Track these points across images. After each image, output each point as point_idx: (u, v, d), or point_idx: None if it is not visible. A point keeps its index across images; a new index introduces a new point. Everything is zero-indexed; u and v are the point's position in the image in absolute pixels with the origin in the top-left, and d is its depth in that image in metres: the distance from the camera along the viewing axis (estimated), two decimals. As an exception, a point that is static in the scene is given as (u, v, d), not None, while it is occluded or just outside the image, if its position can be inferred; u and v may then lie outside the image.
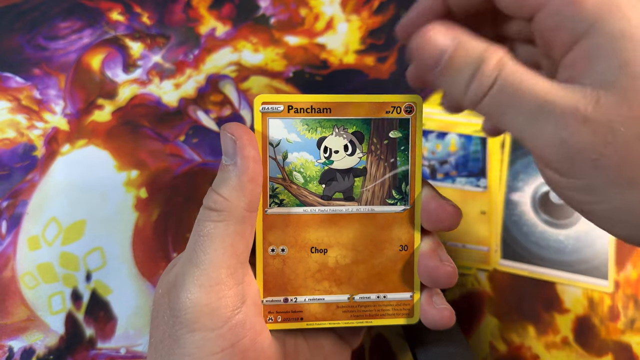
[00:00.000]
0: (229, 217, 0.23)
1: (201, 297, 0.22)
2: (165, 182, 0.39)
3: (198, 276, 0.22)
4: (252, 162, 0.23)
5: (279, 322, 0.26)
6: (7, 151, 0.40)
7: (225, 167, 0.24)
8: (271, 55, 0.42)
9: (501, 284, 0.39)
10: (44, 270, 0.37)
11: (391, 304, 0.27)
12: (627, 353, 0.37)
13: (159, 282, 0.25)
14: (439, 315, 0.26)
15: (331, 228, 0.26)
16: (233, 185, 0.23)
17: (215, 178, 0.24)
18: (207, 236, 0.23)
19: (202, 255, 0.23)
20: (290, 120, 0.25)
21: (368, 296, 0.27)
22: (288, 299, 0.26)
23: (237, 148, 0.23)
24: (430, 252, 0.26)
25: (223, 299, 0.23)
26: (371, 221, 0.26)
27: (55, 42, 0.42)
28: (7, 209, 0.38)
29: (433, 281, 0.26)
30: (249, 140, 0.24)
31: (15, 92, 0.41)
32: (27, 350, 0.36)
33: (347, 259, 0.26)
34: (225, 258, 0.23)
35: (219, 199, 0.23)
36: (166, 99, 0.41)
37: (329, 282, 0.26)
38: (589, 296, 0.38)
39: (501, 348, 0.37)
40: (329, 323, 0.27)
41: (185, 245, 0.25)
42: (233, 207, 0.23)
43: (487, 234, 0.39)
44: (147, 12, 0.43)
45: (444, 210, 0.25)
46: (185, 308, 0.22)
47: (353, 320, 0.27)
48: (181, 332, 0.22)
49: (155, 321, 0.24)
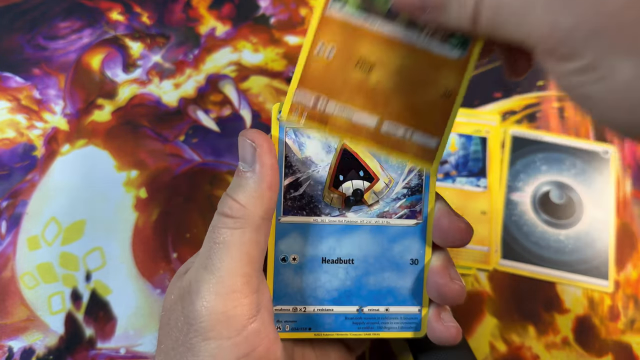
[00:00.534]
0: (245, 224, 0.23)
1: (217, 305, 0.22)
2: (165, 182, 0.39)
3: (214, 284, 0.22)
4: (271, 170, 0.23)
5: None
6: (7, 151, 0.40)
7: (243, 173, 0.23)
8: (271, 55, 0.42)
9: (501, 284, 0.39)
10: (44, 270, 0.37)
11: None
12: (627, 353, 0.37)
13: (170, 287, 0.25)
14: (446, 333, 0.26)
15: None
16: (251, 192, 0.23)
17: (231, 184, 0.24)
18: (223, 243, 0.23)
19: (218, 262, 0.22)
20: None
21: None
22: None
23: (257, 155, 0.23)
24: (440, 268, 0.26)
25: (239, 307, 0.22)
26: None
27: (55, 42, 0.42)
28: (6, 209, 0.38)
29: (441, 298, 0.26)
30: (269, 148, 0.24)
31: (15, 92, 0.41)
32: (27, 350, 0.36)
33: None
34: (241, 266, 0.23)
35: (235, 206, 0.23)
36: (166, 99, 0.41)
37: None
38: (589, 296, 0.38)
39: (501, 348, 0.37)
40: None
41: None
42: (250, 214, 0.23)
43: (487, 234, 0.39)
44: (147, 12, 0.43)
45: (457, 227, 0.25)
46: (200, 316, 0.22)
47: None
48: (196, 340, 0.22)
49: (167, 327, 0.24)
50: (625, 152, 0.41)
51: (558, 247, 0.39)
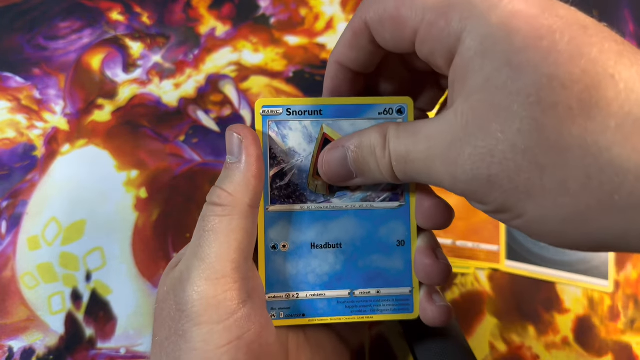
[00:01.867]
0: (233, 211, 0.24)
1: (208, 290, 0.22)
2: (165, 182, 0.39)
3: (204, 270, 0.23)
4: (256, 160, 0.24)
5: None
6: (7, 151, 0.40)
7: (230, 165, 0.25)
8: (271, 55, 0.42)
9: (501, 284, 0.39)
10: (44, 270, 0.37)
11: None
12: (627, 353, 0.37)
13: (162, 280, 0.25)
14: (438, 312, 0.26)
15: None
16: (238, 181, 0.24)
17: (220, 176, 0.25)
18: (212, 231, 0.23)
19: (207, 249, 0.23)
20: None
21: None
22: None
23: (243, 146, 0.24)
24: (426, 248, 0.27)
25: (229, 292, 0.23)
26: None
27: (55, 42, 0.42)
28: (7, 209, 0.38)
29: (428, 278, 0.26)
30: (254, 140, 0.25)
31: (15, 92, 0.41)
32: (27, 350, 0.36)
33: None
34: (230, 252, 0.23)
35: (223, 194, 0.24)
36: (166, 99, 0.41)
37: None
38: (589, 296, 0.38)
39: (501, 348, 0.37)
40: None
41: (185, 245, 0.25)
42: (237, 201, 0.24)
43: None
44: (147, 12, 0.43)
45: (437, 208, 0.26)
46: (192, 301, 0.22)
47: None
48: (188, 326, 0.22)
49: (160, 319, 0.24)
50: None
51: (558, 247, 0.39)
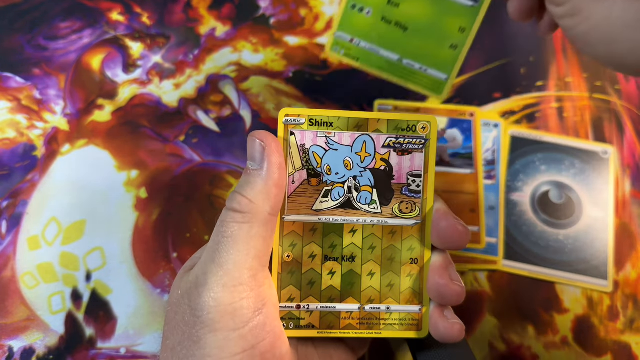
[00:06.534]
0: (253, 219, 0.23)
1: (224, 297, 0.22)
2: (165, 182, 0.39)
3: (221, 276, 0.23)
4: (278, 169, 0.24)
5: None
6: (7, 151, 0.40)
7: (251, 171, 0.24)
8: (271, 56, 0.42)
9: (501, 284, 0.39)
10: (44, 270, 0.37)
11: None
12: (627, 353, 0.37)
13: (176, 283, 0.25)
14: (450, 330, 0.26)
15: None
16: (259, 189, 0.24)
17: (240, 182, 0.25)
18: (231, 237, 0.23)
19: (225, 255, 0.23)
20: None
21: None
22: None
23: (265, 154, 0.24)
24: (440, 268, 0.26)
25: (245, 300, 0.23)
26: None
27: (55, 42, 0.42)
28: (7, 209, 0.38)
29: (441, 298, 0.26)
30: (277, 148, 0.25)
31: (15, 92, 0.41)
32: (27, 350, 0.36)
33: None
34: (248, 259, 0.23)
35: (244, 201, 0.24)
36: (166, 99, 0.41)
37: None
38: (589, 296, 0.39)
39: (501, 348, 0.37)
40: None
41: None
42: (258, 209, 0.24)
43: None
44: (147, 12, 0.43)
45: (454, 230, 0.26)
46: (208, 307, 0.22)
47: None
48: (202, 332, 0.22)
49: (173, 323, 0.24)
50: (625, 152, 0.41)
51: (557, 247, 0.39)
